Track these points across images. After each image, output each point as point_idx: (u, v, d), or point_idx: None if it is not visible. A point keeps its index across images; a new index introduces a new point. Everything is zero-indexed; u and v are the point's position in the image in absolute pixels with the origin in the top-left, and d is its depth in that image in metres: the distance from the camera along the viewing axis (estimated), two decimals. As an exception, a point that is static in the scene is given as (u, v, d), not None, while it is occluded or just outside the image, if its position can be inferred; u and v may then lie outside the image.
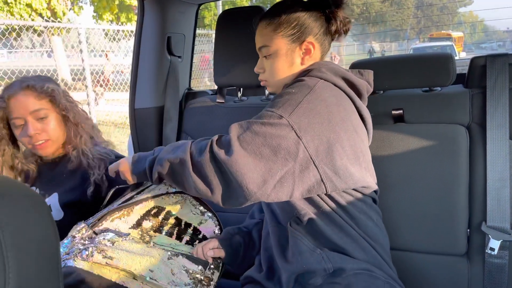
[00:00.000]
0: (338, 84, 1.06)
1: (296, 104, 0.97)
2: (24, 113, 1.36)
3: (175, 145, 1.08)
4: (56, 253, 0.50)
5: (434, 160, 1.29)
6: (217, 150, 0.96)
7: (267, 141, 0.94)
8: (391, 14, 32.74)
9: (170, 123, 1.69)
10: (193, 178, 0.98)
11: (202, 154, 0.98)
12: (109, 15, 14.42)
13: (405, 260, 1.29)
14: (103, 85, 7.56)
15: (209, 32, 9.65)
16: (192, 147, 1.02)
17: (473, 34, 38.13)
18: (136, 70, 1.68)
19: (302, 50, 1.10)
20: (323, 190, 0.99)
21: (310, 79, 1.03)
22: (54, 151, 1.45)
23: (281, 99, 1.00)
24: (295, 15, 1.08)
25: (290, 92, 1.00)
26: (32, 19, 10.35)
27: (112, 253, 1.04)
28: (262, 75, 1.16)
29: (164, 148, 1.09)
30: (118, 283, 1.00)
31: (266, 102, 1.57)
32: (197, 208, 1.28)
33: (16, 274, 0.45)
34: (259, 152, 0.94)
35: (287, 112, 0.96)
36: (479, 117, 1.29)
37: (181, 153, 1.02)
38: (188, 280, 1.07)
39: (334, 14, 1.09)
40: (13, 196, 0.51)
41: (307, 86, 1.01)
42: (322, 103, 0.98)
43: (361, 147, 1.06)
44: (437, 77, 1.30)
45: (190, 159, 1.00)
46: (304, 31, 1.08)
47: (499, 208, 1.21)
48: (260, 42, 1.13)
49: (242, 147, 0.94)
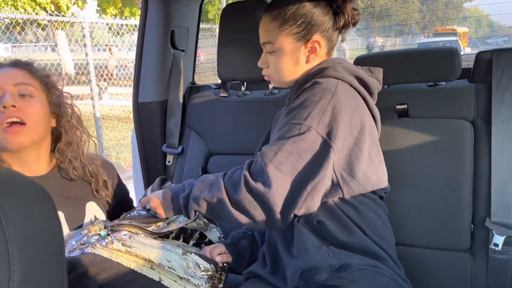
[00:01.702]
0: (353, 84, 1.05)
1: (322, 112, 0.96)
2: (6, 83, 1.08)
3: (206, 181, 1.04)
4: (60, 244, 0.50)
5: (439, 155, 1.28)
6: (254, 184, 0.95)
7: (302, 157, 0.95)
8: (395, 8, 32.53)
9: (173, 117, 1.69)
10: (234, 214, 0.98)
11: (238, 190, 0.97)
12: (113, 9, 14.41)
13: (408, 255, 1.29)
14: (106, 80, 7.56)
15: (213, 26, 9.62)
16: (225, 183, 1.00)
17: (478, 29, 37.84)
18: (139, 64, 1.68)
19: (308, 49, 1.07)
20: (340, 195, 1.01)
21: (329, 81, 1.01)
22: (27, 144, 1.10)
23: (305, 107, 0.98)
24: (301, 11, 1.04)
25: (312, 99, 0.98)
26: (36, 13, 10.35)
27: (131, 242, 1.05)
28: (265, 70, 1.14)
29: (195, 184, 1.06)
30: (136, 271, 1.01)
31: (270, 96, 1.57)
32: (201, 220, 1.31)
33: (20, 265, 0.45)
34: (295, 169, 0.95)
35: (315, 122, 0.95)
36: (484, 112, 1.28)
37: (217, 192, 0.99)
38: (201, 274, 1.09)
39: (342, 9, 1.06)
40: (17, 187, 0.51)
41: (329, 90, 0.99)
42: (344, 108, 0.98)
43: (374, 149, 1.07)
44: (442, 72, 1.29)
45: (228, 197, 0.98)
46: (311, 29, 1.05)
47: (503, 203, 1.21)
48: (264, 37, 1.10)
49: (278, 169, 0.94)
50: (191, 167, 1.64)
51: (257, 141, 1.36)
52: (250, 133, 1.56)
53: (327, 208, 1.03)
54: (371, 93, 1.11)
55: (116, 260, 1.01)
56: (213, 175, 1.06)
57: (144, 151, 1.74)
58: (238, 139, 1.58)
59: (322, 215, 1.02)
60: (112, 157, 5.31)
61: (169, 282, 1.03)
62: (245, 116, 1.58)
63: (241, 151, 1.58)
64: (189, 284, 1.05)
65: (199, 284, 1.05)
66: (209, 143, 1.63)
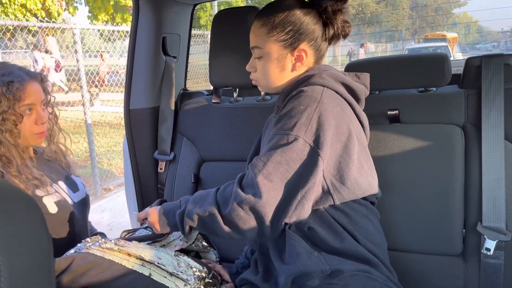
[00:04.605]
0: (339, 91, 1.06)
1: (308, 120, 0.97)
2: (37, 100, 1.31)
3: (200, 197, 1.07)
4: (48, 255, 0.49)
5: (430, 160, 1.29)
6: (244, 196, 0.96)
7: (291, 166, 0.96)
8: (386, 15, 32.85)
9: (165, 124, 1.68)
10: (225, 229, 1.00)
11: (228, 205, 0.99)
12: (104, 16, 14.37)
13: (400, 260, 1.29)
14: (98, 86, 7.53)
15: (205, 32, 9.63)
16: (218, 198, 1.02)
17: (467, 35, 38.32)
18: (131, 70, 1.67)
19: (294, 57, 1.08)
20: (331, 202, 1.01)
21: (314, 89, 1.02)
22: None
23: (292, 116, 0.99)
24: (291, 18, 1.05)
25: (298, 108, 0.99)
26: (27, 20, 10.29)
27: (124, 243, 1.10)
28: (253, 74, 1.15)
29: (190, 199, 1.09)
30: (127, 267, 1.04)
31: (262, 103, 1.57)
32: (199, 242, 1.32)
33: (8, 277, 0.44)
34: (285, 178, 0.96)
35: (302, 131, 0.96)
36: (474, 117, 1.29)
37: (208, 206, 1.02)
38: (192, 271, 1.12)
39: (331, 20, 1.06)
40: (6, 198, 0.50)
41: (314, 98, 0.99)
42: (330, 115, 0.99)
43: (363, 155, 1.07)
44: (432, 78, 1.30)
45: (219, 212, 1.00)
46: (298, 37, 1.06)
47: (495, 208, 1.21)
48: (253, 41, 1.11)
49: (268, 180, 0.95)
50: (183, 174, 1.63)
51: (249, 147, 1.36)
52: (242, 139, 1.56)
53: (318, 215, 1.03)
54: (357, 99, 1.12)
55: (108, 258, 1.04)
56: (207, 190, 1.08)
57: (135, 157, 1.73)
58: (231, 145, 1.58)
59: (313, 222, 1.02)
60: (103, 163, 5.27)
61: (159, 277, 1.05)
62: (237, 122, 1.57)
63: (234, 157, 1.57)
64: (178, 280, 1.07)
65: (188, 279, 1.07)
66: (201, 149, 1.63)
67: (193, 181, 1.60)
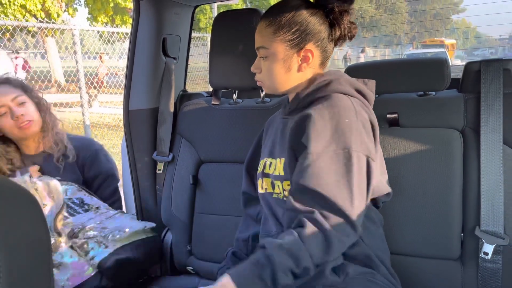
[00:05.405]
0: (357, 96, 1.07)
1: (357, 131, 0.98)
2: (6, 101, 1.59)
3: (260, 273, 0.89)
4: (47, 251, 0.49)
5: (428, 164, 1.29)
6: (342, 237, 0.93)
7: (361, 179, 0.97)
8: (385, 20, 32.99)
9: (164, 125, 1.68)
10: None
11: (330, 252, 0.92)
12: (104, 17, 14.39)
13: (398, 263, 1.29)
14: (96, 87, 7.53)
15: (204, 35, 9.65)
16: (312, 254, 0.91)
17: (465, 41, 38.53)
18: (131, 71, 1.67)
19: (300, 57, 1.07)
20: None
21: (342, 98, 1.02)
22: (35, 133, 1.68)
23: (342, 132, 0.97)
24: (297, 18, 1.04)
25: (343, 121, 0.98)
26: (27, 20, 10.29)
27: None
28: (258, 75, 1.14)
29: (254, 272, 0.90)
30: None
31: (261, 105, 1.57)
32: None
33: (6, 273, 0.44)
34: (364, 191, 0.98)
35: (356, 144, 0.97)
36: (473, 121, 1.29)
37: (286, 278, 0.88)
38: None
39: (338, 21, 1.06)
40: (5, 195, 0.50)
41: (350, 108, 1.00)
42: (365, 122, 1.02)
43: (378, 157, 1.08)
44: (431, 82, 1.31)
45: (320, 262, 0.93)
46: (305, 38, 1.05)
47: (493, 212, 1.22)
48: (259, 42, 1.10)
49: (356, 209, 0.94)
50: (181, 175, 1.63)
51: (248, 149, 1.36)
52: (241, 141, 1.56)
53: None
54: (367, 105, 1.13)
55: None
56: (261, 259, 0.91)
57: (134, 158, 1.72)
58: (229, 147, 1.58)
59: None
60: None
61: None
62: (237, 124, 1.57)
63: (232, 159, 1.57)
64: None
65: None
66: (200, 151, 1.62)
67: (191, 182, 1.60)
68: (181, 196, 1.62)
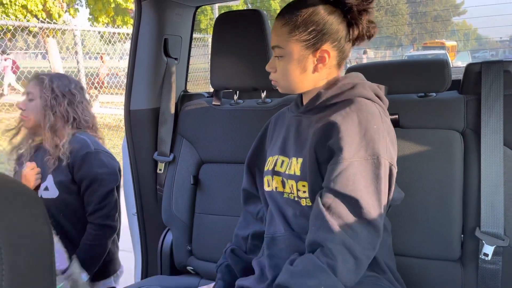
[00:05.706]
0: (378, 102, 1.06)
1: (384, 139, 0.97)
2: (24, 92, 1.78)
3: None
4: (50, 249, 0.50)
5: (429, 165, 1.29)
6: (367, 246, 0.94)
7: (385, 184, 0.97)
8: (386, 22, 33.01)
9: (165, 125, 1.68)
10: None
11: (358, 271, 0.93)
12: (105, 18, 14.39)
13: (398, 264, 1.29)
14: (97, 88, 7.53)
15: (205, 36, 9.67)
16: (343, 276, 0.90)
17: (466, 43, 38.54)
18: (132, 71, 1.68)
19: (316, 58, 1.03)
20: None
21: (367, 104, 1.01)
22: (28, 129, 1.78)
23: (370, 138, 0.96)
24: (314, 18, 1.01)
25: (371, 127, 0.97)
26: (28, 20, 10.31)
27: None
28: (273, 74, 1.10)
29: None
30: None
31: (262, 105, 1.57)
32: None
33: (9, 270, 0.44)
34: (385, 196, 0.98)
35: (383, 151, 0.96)
36: (473, 123, 1.29)
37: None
38: None
39: (357, 20, 1.02)
40: (6, 192, 0.50)
41: (377, 115, 1.00)
42: (390, 128, 1.02)
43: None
44: (432, 83, 1.31)
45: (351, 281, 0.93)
46: (321, 38, 1.01)
47: (493, 213, 1.22)
48: (275, 41, 1.07)
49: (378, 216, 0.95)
50: (182, 175, 1.64)
51: (249, 149, 1.36)
52: (242, 142, 1.56)
53: None
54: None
55: None
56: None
57: (135, 158, 1.73)
58: (230, 148, 1.58)
59: None
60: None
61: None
62: (238, 124, 1.58)
63: (233, 159, 1.57)
64: None
65: None
66: (201, 151, 1.63)
67: (192, 182, 1.61)
68: (182, 196, 1.63)
